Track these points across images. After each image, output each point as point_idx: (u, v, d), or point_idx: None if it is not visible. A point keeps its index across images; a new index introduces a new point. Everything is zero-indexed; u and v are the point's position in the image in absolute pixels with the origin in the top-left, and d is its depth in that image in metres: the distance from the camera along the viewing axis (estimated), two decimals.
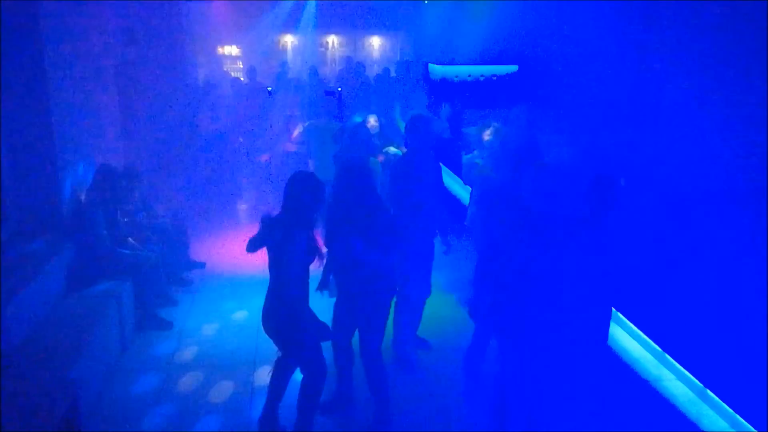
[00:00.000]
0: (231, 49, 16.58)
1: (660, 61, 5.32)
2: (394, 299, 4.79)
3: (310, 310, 3.69)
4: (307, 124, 7.38)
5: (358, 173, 3.69)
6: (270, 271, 3.62)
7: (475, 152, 5.72)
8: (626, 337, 5.07)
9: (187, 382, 4.59)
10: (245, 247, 3.66)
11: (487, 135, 5.70)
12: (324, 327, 3.78)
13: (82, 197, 5.50)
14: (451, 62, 9.26)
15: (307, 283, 3.59)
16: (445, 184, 5.64)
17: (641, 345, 4.94)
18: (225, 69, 14.54)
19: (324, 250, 3.77)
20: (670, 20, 5.21)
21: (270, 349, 3.87)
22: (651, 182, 5.62)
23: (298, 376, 3.91)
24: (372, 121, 6.06)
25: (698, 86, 4.77)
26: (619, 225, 3.65)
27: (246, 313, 5.62)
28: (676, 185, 5.08)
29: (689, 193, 5.09)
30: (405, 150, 5.92)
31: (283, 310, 3.58)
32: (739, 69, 4.44)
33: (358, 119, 6.58)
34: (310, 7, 15.67)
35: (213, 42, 14.90)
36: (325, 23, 16.19)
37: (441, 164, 4.98)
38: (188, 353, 5.01)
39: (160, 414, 4.20)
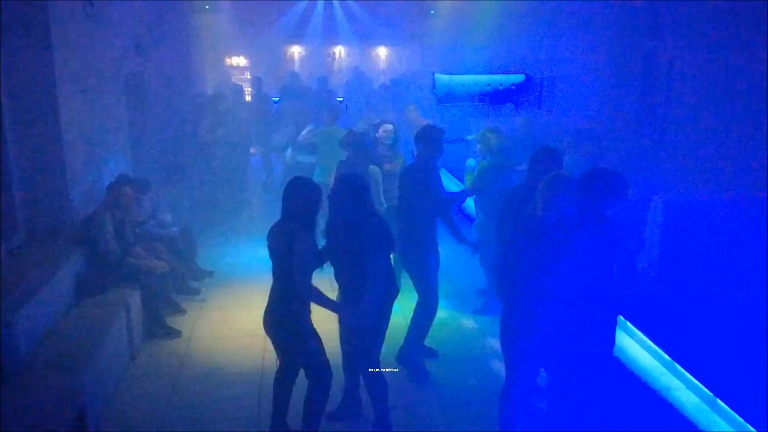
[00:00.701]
0: (239, 60, 16.72)
1: None
2: (414, 310, 4.82)
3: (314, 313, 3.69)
4: (316, 129, 7.40)
5: (351, 186, 3.70)
6: (273, 275, 3.65)
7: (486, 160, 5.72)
8: (635, 347, 5.05)
9: (196, 390, 4.60)
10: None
11: (492, 140, 5.70)
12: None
13: (92, 206, 5.55)
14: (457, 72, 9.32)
15: (311, 288, 3.57)
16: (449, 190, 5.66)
17: (650, 354, 4.91)
18: (233, 80, 14.64)
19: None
20: None
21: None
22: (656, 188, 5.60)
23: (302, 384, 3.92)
24: (382, 130, 5.97)
25: None
26: (623, 227, 3.63)
27: (254, 322, 5.60)
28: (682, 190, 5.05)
29: (693, 200, 5.07)
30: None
31: (285, 317, 3.61)
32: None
33: (361, 127, 6.61)
34: (317, 18, 15.79)
35: (221, 53, 15.03)
36: (332, 34, 16.31)
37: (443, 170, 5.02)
38: (196, 361, 5.03)
39: (168, 422, 4.21)
